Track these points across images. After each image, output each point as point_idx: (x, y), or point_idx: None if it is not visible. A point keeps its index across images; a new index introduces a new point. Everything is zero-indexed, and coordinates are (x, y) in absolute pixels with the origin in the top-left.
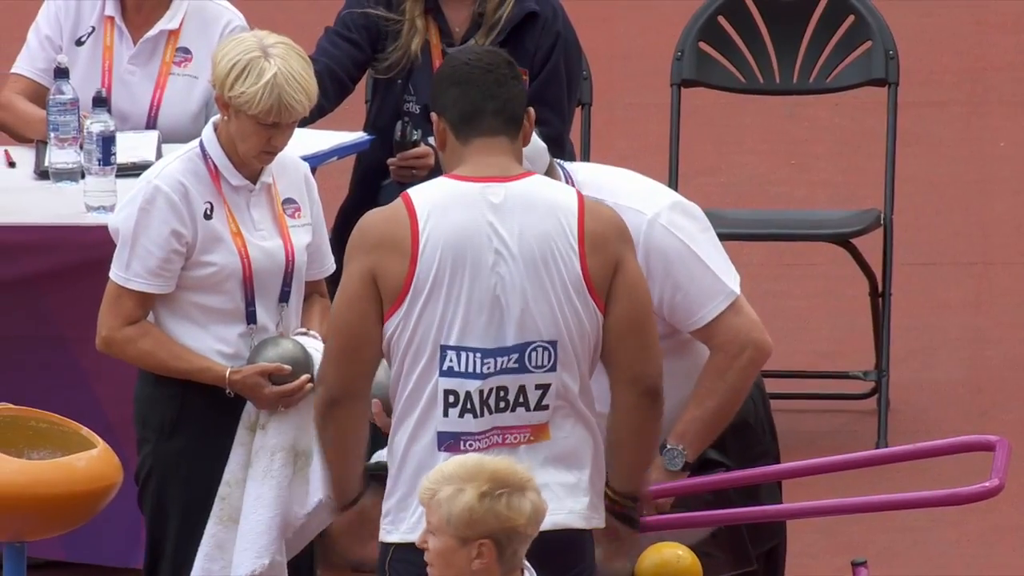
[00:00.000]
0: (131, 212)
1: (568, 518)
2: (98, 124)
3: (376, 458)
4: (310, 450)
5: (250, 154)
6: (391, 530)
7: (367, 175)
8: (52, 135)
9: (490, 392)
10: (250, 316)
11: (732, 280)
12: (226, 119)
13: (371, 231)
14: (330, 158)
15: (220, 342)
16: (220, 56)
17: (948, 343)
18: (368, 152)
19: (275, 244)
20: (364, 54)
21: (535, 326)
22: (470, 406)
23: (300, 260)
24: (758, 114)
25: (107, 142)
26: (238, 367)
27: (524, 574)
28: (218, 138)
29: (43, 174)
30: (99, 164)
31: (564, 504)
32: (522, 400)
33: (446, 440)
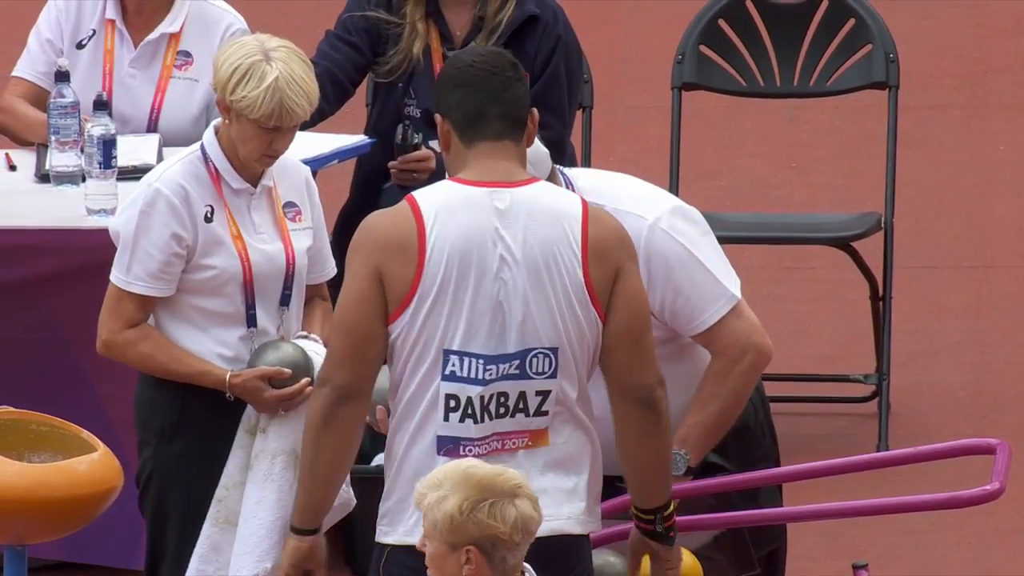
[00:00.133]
0: (132, 215)
1: (565, 524)
2: (99, 127)
3: (376, 461)
4: None
5: (251, 158)
6: (388, 531)
7: (368, 178)
8: (53, 138)
9: (491, 398)
10: (250, 319)
11: (733, 284)
12: (227, 122)
13: (377, 233)
14: (331, 161)
15: (220, 345)
16: (221, 59)
17: (949, 347)
18: (369, 155)
19: (276, 247)
20: (365, 58)
21: (536, 332)
22: (471, 411)
23: (301, 263)
24: (759, 117)
25: (108, 145)
26: (238, 371)
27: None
28: (219, 141)
29: (44, 177)
30: (100, 167)
31: (562, 510)
32: (522, 406)
33: (445, 444)
